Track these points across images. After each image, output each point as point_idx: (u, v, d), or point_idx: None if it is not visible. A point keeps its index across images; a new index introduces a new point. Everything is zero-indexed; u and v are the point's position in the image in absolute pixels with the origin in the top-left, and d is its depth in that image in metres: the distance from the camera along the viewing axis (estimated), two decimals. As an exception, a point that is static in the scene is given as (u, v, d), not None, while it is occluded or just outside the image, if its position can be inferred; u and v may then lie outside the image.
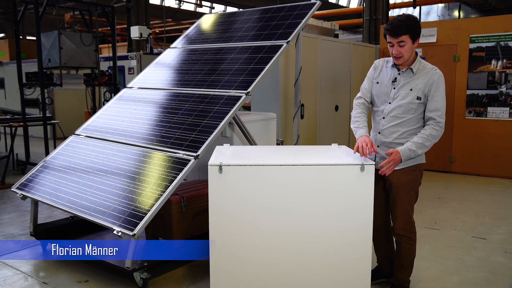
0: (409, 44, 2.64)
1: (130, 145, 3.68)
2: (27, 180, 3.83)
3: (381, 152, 2.81)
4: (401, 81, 2.75)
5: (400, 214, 2.79)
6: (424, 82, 2.68)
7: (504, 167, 6.62)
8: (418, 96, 2.68)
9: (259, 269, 2.48)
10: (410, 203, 2.80)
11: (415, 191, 2.82)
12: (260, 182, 2.42)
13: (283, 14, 4.49)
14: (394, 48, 2.66)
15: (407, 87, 2.72)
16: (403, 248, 2.85)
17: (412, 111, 2.71)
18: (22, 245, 3.97)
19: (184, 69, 4.43)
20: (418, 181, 2.82)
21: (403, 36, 2.61)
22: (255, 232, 2.45)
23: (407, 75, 2.74)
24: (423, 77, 2.68)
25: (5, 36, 19.74)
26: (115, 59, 7.39)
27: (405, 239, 2.83)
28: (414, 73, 2.71)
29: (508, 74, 6.51)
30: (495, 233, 4.24)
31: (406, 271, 2.91)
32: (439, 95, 2.67)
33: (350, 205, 2.46)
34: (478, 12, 18.59)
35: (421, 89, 2.68)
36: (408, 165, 2.75)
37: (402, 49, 2.64)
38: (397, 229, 2.82)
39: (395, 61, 2.72)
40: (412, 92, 2.70)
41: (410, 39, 2.63)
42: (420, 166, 2.81)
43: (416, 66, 2.72)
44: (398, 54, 2.66)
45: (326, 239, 2.48)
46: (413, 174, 2.77)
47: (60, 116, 10.72)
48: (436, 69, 2.70)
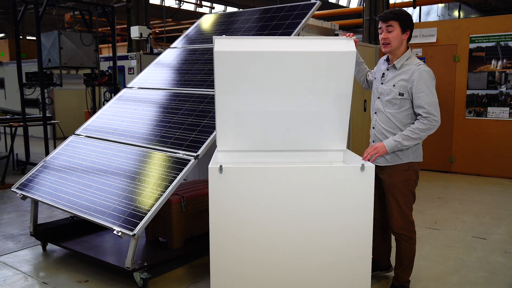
0: (397, 31, 2.68)
1: (130, 145, 3.68)
2: (27, 180, 3.83)
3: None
4: (387, 77, 2.79)
5: (396, 213, 2.80)
6: (406, 78, 2.69)
7: (504, 167, 6.63)
8: (400, 92, 2.69)
9: (260, 269, 2.48)
10: (406, 203, 2.80)
11: (410, 191, 2.81)
12: (261, 182, 2.42)
13: (283, 14, 4.49)
14: (383, 33, 2.71)
15: (391, 83, 2.75)
16: (402, 247, 2.86)
17: (396, 107, 2.73)
18: (22, 245, 3.97)
19: (184, 69, 4.43)
20: (413, 181, 2.80)
21: (391, 21, 2.67)
22: (255, 232, 2.45)
23: (392, 71, 2.77)
24: (405, 74, 2.69)
25: (5, 36, 19.75)
26: (115, 59, 7.39)
27: (404, 237, 2.84)
28: (398, 68, 2.73)
29: (508, 74, 6.51)
30: (495, 233, 4.24)
31: (406, 270, 2.92)
32: (423, 91, 2.63)
33: (350, 205, 2.46)
34: (478, 12, 18.59)
35: (403, 86, 2.69)
36: (399, 163, 2.75)
37: (390, 35, 2.68)
38: (395, 228, 2.84)
39: (383, 49, 2.75)
40: (395, 88, 2.72)
41: (399, 27, 2.68)
42: (414, 165, 2.78)
43: (400, 62, 2.73)
44: (386, 39, 2.70)
45: (326, 239, 2.48)
46: (407, 174, 2.77)
47: (60, 116, 10.73)
48: (419, 65, 2.67)
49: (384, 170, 2.80)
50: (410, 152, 2.76)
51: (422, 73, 2.64)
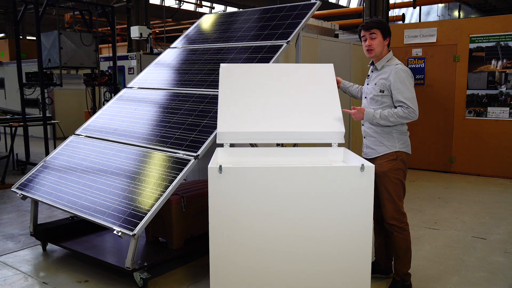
0: (380, 38, 2.94)
1: (130, 145, 3.68)
2: (27, 180, 3.83)
3: (366, 141, 3.07)
4: (371, 78, 3.07)
5: (387, 201, 2.93)
6: (385, 77, 2.93)
7: (504, 167, 6.62)
8: (381, 89, 2.94)
9: (259, 269, 2.48)
10: (396, 191, 2.92)
11: (400, 180, 2.93)
12: (260, 183, 2.42)
13: (283, 14, 4.49)
14: (367, 41, 2.95)
15: (373, 83, 3.02)
16: (396, 239, 2.95)
17: (378, 103, 2.96)
18: (22, 245, 3.97)
19: (184, 69, 4.43)
20: (401, 170, 2.94)
21: (374, 29, 2.94)
22: (255, 232, 2.45)
23: (375, 72, 3.05)
24: (385, 73, 2.95)
25: (5, 36, 19.74)
26: (115, 59, 7.39)
27: (396, 228, 2.93)
28: (379, 69, 3.00)
29: (508, 74, 6.51)
30: (495, 233, 4.24)
31: (403, 262, 2.97)
32: (400, 88, 2.85)
33: (350, 205, 2.46)
34: (478, 12, 18.60)
35: (382, 84, 2.94)
36: (386, 152, 2.93)
37: (373, 42, 2.93)
38: (387, 218, 2.94)
39: (367, 55, 3.00)
40: (376, 86, 2.97)
41: (381, 34, 2.94)
42: (401, 154, 2.94)
43: (381, 64, 2.99)
44: (370, 46, 2.94)
45: (325, 240, 2.48)
46: (395, 163, 2.92)
47: (60, 116, 10.73)
48: (397, 65, 2.92)
49: (375, 161, 2.94)
50: (396, 141, 2.94)
51: (399, 71, 2.87)
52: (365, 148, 3.08)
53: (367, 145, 3.06)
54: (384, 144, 2.94)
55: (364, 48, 3.01)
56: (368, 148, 3.04)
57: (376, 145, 2.98)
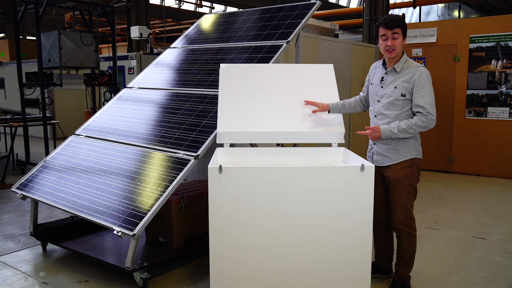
0: (401, 38, 2.78)
1: (130, 145, 3.68)
2: (27, 180, 3.83)
3: (376, 148, 2.92)
4: (387, 80, 2.88)
5: (399, 208, 2.86)
6: (407, 79, 2.79)
7: (504, 167, 6.62)
8: (402, 93, 2.79)
9: (259, 269, 2.48)
10: (408, 198, 2.86)
11: (413, 186, 2.87)
12: (260, 183, 2.42)
13: (283, 14, 4.49)
14: (389, 40, 2.77)
15: (392, 85, 2.84)
16: (403, 243, 2.92)
17: (398, 108, 2.81)
18: (22, 245, 3.97)
19: (184, 69, 4.43)
20: (416, 176, 2.88)
21: (397, 28, 2.76)
22: (255, 232, 2.45)
23: (392, 74, 2.86)
24: (407, 75, 2.79)
25: (5, 36, 19.74)
26: (115, 59, 7.39)
27: (405, 234, 2.90)
28: (398, 72, 2.83)
29: (508, 74, 6.51)
30: (495, 233, 4.24)
31: (407, 266, 2.96)
32: (422, 91, 2.74)
33: (350, 205, 2.46)
34: (478, 12, 18.59)
35: (404, 87, 2.79)
36: (402, 160, 2.83)
37: (396, 42, 2.77)
38: (397, 223, 2.90)
39: (388, 55, 2.81)
40: (397, 90, 2.81)
41: (402, 33, 2.79)
42: (416, 161, 2.86)
43: (400, 66, 2.83)
44: (392, 46, 2.77)
45: (325, 239, 2.48)
46: (410, 170, 2.84)
47: (60, 116, 10.73)
48: (419, 67, 2.79)
49: (388, 167, 2.87)
50: (412, 149, 2.84)
51: (422, 74, 2.75)
52: (375, 155, 2.93)
53: (378, 152, 2.90)
54: (400, 152, 2.82)
55: (382, 47, 2.81)
56: (379, 155, 2.89)
57: (389, 152, 2.84)
